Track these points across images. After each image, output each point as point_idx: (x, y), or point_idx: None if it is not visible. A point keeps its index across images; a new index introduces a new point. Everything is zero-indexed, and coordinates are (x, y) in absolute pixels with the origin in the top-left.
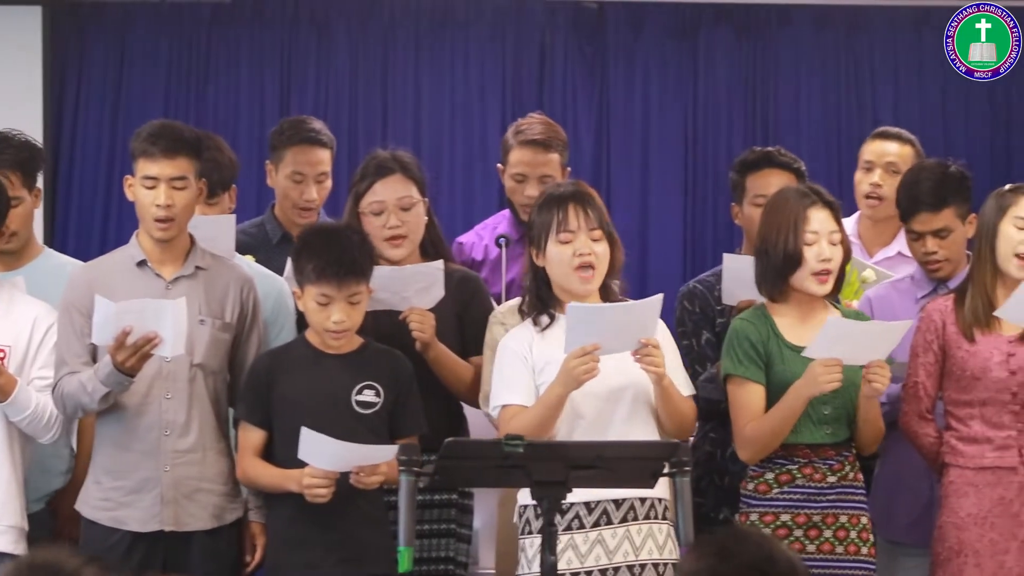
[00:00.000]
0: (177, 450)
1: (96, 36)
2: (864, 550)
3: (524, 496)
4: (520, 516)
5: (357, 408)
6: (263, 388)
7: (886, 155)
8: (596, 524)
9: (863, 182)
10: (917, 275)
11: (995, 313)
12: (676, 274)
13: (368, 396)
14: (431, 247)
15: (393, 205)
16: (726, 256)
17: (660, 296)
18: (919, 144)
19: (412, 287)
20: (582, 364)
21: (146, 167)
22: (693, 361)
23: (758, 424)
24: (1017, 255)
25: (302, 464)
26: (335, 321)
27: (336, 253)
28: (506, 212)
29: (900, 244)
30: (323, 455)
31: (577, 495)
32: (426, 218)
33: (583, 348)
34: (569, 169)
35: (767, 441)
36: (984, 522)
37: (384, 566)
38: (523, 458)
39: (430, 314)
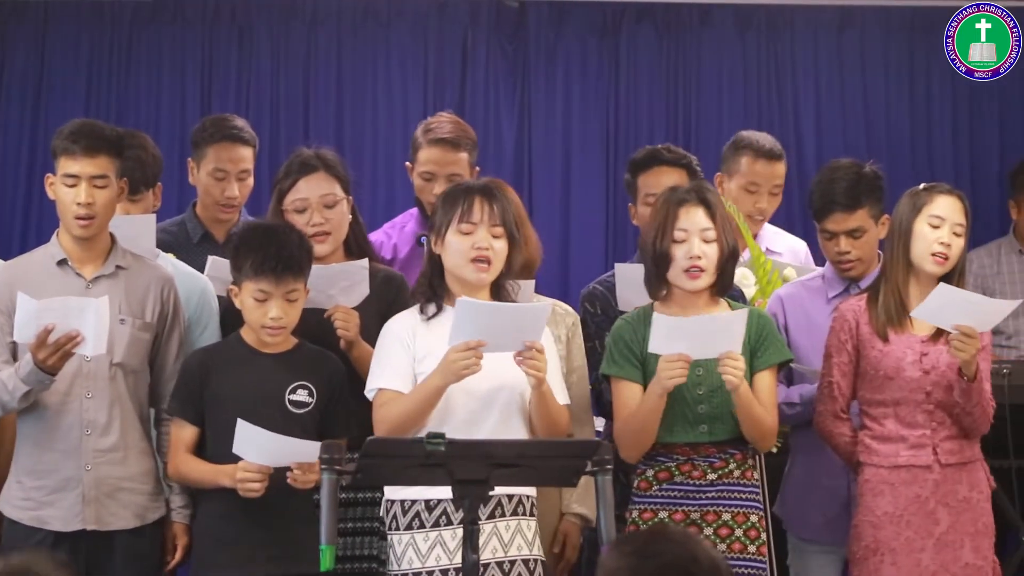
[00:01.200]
0: (98, 449)
1: (16, 34)
2: (752, 548)
3: (390, 491)
4: (387, 512)
5: (290, 408)
6: (196, 385)
7: (775, 178)
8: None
9: (747, 202)
10: (828, 274)
11: (912, 314)
12: (598, 272)
13: (302, 396)
14: (355, 245)
15: (316, 202)
16: (617, 265)
17: (550, 303)
18: None
19: (337, 285)
20: (464, 359)
21: (67, 165)
22: (597, 363)
23: (625, 423)
24: (933, 254)
25: (235, 461)
26: (272, 317)
27: (275, 249)
28: (414, 211)
29: (766, 241)
30: (258, 448)
31: (444, 491)
32: (350, 216)
33: (467, 343)
34: (478, 169)
35: (635, 439)
36: (900, 520)
37: (315, 564)
38: (445, 456)
39: (355, 312)
